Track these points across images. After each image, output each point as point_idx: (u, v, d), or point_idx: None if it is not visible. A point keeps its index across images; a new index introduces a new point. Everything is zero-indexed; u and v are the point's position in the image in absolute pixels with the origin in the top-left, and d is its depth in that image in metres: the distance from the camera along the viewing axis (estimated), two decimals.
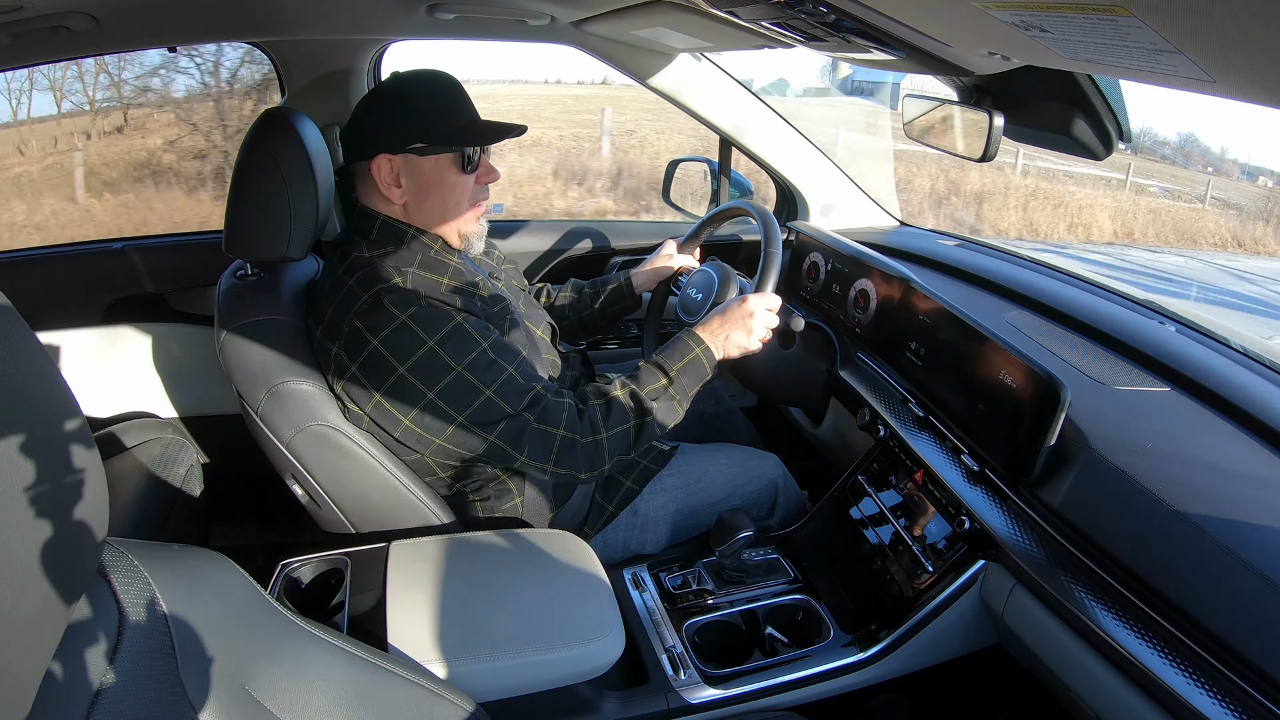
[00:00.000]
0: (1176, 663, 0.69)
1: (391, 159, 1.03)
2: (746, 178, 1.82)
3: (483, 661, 0.82)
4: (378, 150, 1.02)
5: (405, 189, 1.05)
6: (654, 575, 1.15)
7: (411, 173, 1.04)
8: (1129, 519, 0.80)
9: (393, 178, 1.04)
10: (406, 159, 1.03)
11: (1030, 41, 0.57)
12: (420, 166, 1.04)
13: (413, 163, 1.03)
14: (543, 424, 1.00)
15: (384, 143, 1.02)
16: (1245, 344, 1.08)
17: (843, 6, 0.68)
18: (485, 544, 0.97)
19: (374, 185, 1.05)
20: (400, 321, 0.96)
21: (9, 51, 1.17)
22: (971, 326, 1.03)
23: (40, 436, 0.38)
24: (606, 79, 14.12)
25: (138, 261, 1.54)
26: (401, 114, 1.02)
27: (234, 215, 1.04)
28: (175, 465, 1.41)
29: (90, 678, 0.44)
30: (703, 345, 1.11)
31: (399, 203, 1.06)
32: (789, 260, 1.55)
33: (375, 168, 1.03)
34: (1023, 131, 0.99)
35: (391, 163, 1.03)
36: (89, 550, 0.43)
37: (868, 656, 1.02)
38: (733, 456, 1.32)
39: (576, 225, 1.78)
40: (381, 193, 1.05)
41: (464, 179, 1.07)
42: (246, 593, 0.58)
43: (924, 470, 1.09)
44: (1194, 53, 0.43)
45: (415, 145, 1.03)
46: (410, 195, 1.05)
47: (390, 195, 1.05)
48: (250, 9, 1.27)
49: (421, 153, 1.03)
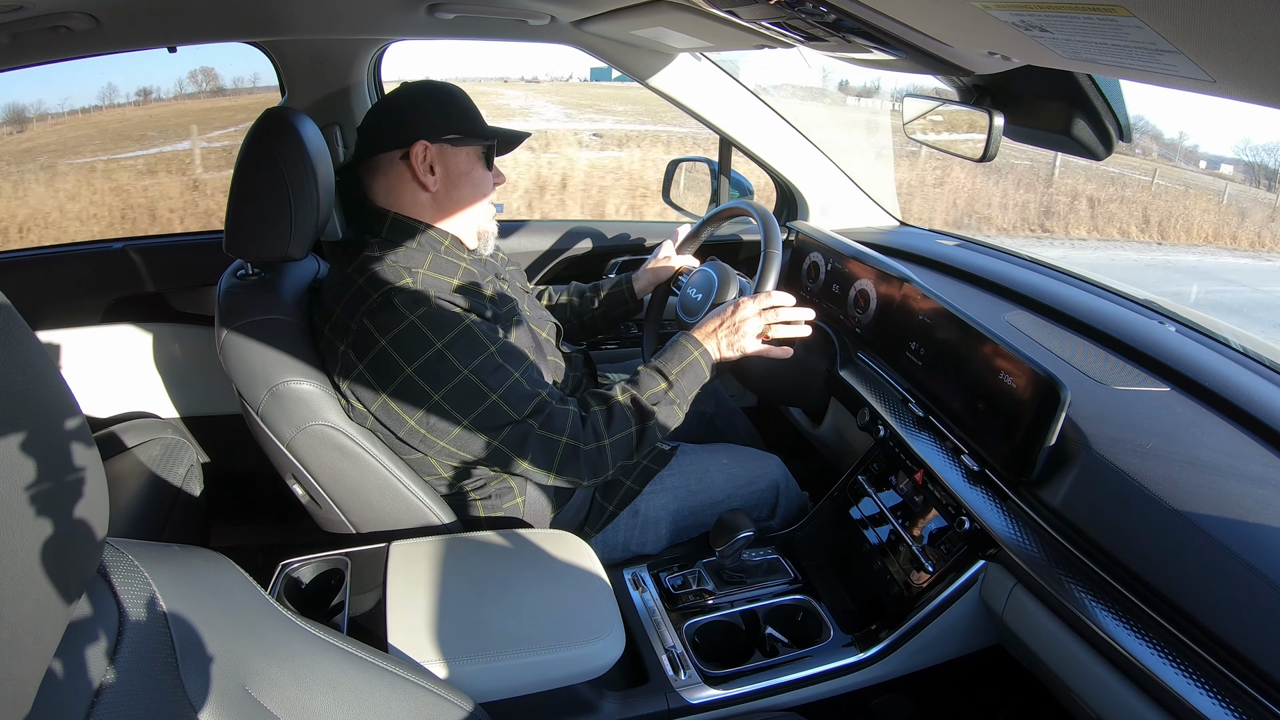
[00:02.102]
0: (1176, 663, 0.69)
1: (429, 147, 1.06)
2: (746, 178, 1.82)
3: (483, 662, 0.82)
4: (416, 137, 1.05)
5: (439, 177, 1.08)
6: (654, 575, 1.15)
7: (445, 162, 1.08)
8: (1129, 519, 0.80)
9: (427, 165, 1.07)
10: (442, 148, 1.07)
11: (1030, 41, 0.57)
12: (454, 157, 1.09)
13: (447, 152, 1.08)
14: (547, 430, 1.01)
15: (423, 130, 1.06)
16: (1245, 344, 1.08)
17: (843, 6, 0.68)
18: (485, 544, 0.97)
19: (397, 177, 1.07)
20: (409, 322, 0.97)
21: (9, 51, 1.17)
22: (971, 326, 1.03)
23: (40, 436, 0.38)
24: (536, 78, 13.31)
25: (138, 261, 1.54)
26: (435, 107, 1.07)
27: (234, 215, 1.04)
28: (175, 465, 1.41)
29: (90, 677, 0.44)
30: (701, 348, 1.12)
31: (431, 190, 1.08)
32: (789, 260, 1.55)
33: (414, 154, 1.06)
34: (1023, 131, 0.99)
35: (428, 150, 1.06)
36: (89, 550, 0.43)
37: (868, 657, 1.02)
38: (733, 457, 1.32)
39: (576, 225, 1.79)
40: (416, 178, 1.07)
41: (486, 175, 1.13)
42: (246, 593, 0.58)
43: (924, 470, 1.08)
44: (1194, 53, 0.43)
45: (451, 135, 1.07)
46: (442, 184, 1.09)
47: (425, 181, 1.07)
48: (250, 9, 1.27)
49: (456, 143, 1.08)
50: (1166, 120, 20.18)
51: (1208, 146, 21.36)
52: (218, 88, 12.17)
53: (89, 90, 10.60)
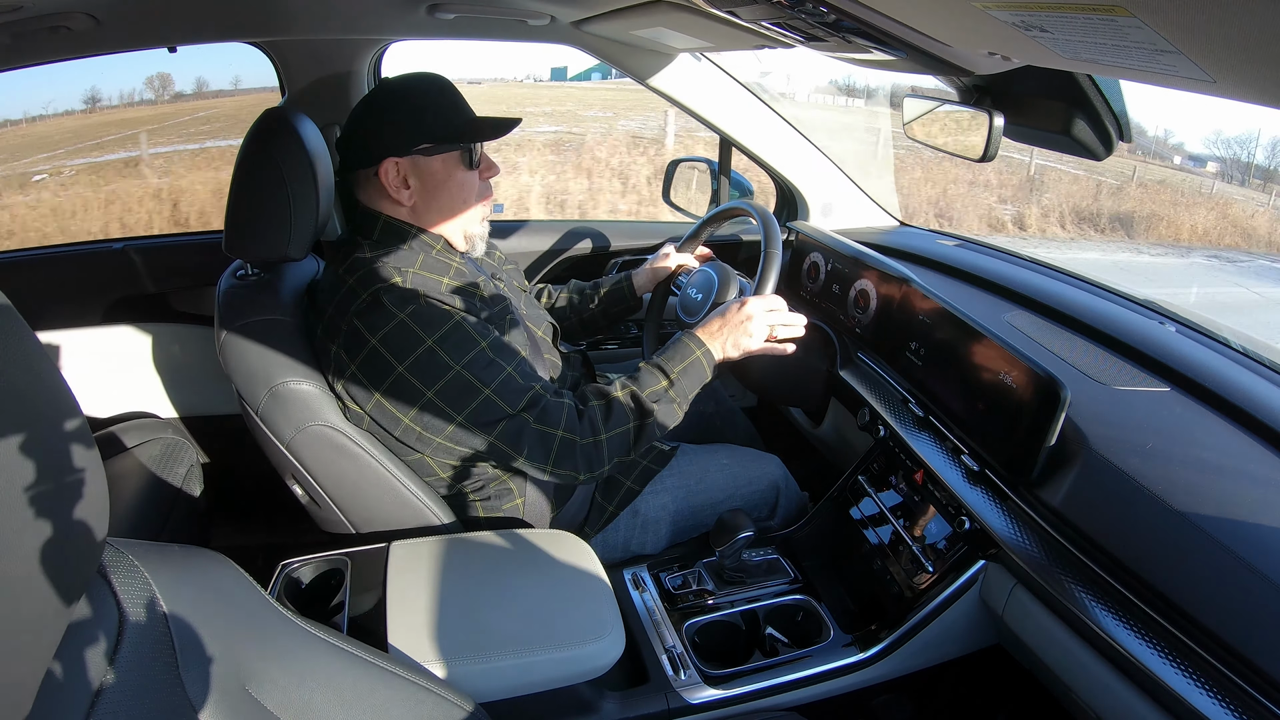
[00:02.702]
0: (1176, 663, 0.69)
1: (398, 162, 1.03)
2: (746, 178, 1.82)
3: (483, 661, 0.82)
4: (384, 155, 1.02)
5: (414, 190, 1.05)
6: (654, 575, 1.15)
7: (419, 174, 1.05)
8: (1129, 519, 0.80)
9: (400, 180, 1.04)
10: (414, 160, 1.04)
11: (1030, 41, 0.57)
12: (429, 167, 1.05)
13: (420, 164, 1.04)
14: (542, 424, 1.00)
15: (389, 146, 1.02)
16: (1245, 344, 1.08)
17: (843, 6, 0.68)
18: (485, 544, 0.97)
19: (379, 189, 1.05)
20: (399, 320, 0.96)
21: (9, 51, 1.17)
22: (971, 326, 1.03)
23: (40, 436, 0.38)
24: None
25: (138, 261, 1.54)
26: (403, 116, 1.03)
27: (234, 215, 1.04)
28: (175, 465, 1.41)
29: (90, 678, 0.44)
30: (703, 347, 1.11)
31: (408, 204, 1.06)
32: (789, 260, 1.55)
33: (383, 173, 1.03)
34: (1023, 131, 0.99)
35: (399, 165, 1.03)
36: (89, 550, 0.43)
37: (868, 656, 1.02)
38: (733, 457, 1.32)
39: (576, 225, 1.79)
40: (390, 196, 1.05)
41: (470, 175, 1.08)
42: (247, 593, 0.58)
43: (924, 470, 1.08)
44: (1194, 53, 0.43)
45: (422, 146, 1.03)
46: (419, 196, 1.06)
47: (399, 198, 1.05)
48: (250, 9, 1.27)
49: (428, 153, 1.04)
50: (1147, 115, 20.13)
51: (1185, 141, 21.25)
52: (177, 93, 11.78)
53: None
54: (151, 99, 11.39)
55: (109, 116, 10.53)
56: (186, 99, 11.47)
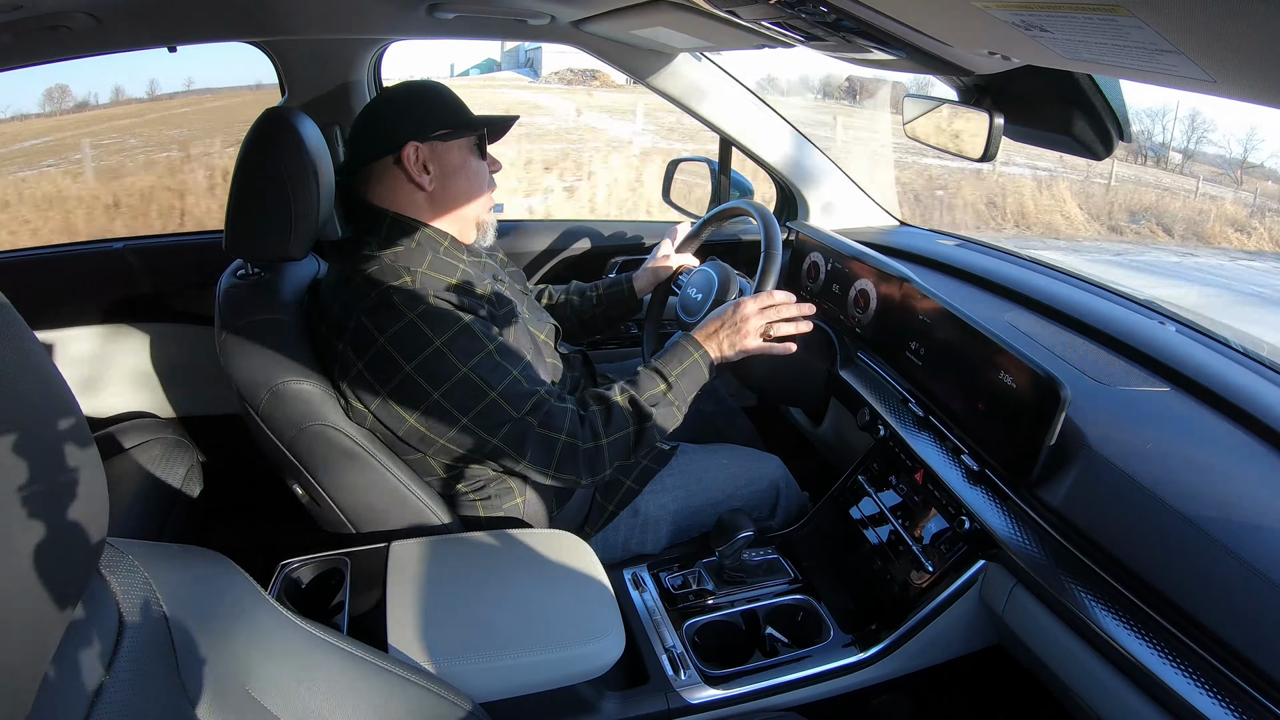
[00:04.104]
0: (1176, 663, 0.69)
1: (419, 147, 1.06)
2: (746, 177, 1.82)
3: (483, 661, 0.82)
4: (406, 139, 1.05)
5: (434, 175, 1.08)
6: (654, 575, 1.15)
7: (438, 159, 1.08)
8: (1129, 519, 0.80)
9: (420, 166, 1.07)
10: (432, 146, 1.07)
11: (1030, 41, 0.57)
12: (446, 153, 1.09)
13: (439, 149, 1.08)
14: (546, 429, 1.01)
15: (411, 132, 1.06)
16: (1245, 344, 1.08)
17: (843, 6, 0.68)
18: (485, 544, 0.97)
19: (393, 181, 1.07)
20: (408, 320, 0.97)
21: (9, 51, 1.17)
22: (971, 326, 1.03)
23: (39, 437, 0.38)
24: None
25: (137, 261, 1.54)
26: (423, 106, 1.07)
27: (235, 215, 1.04)
28: (175, 465, 1.41)
29: (89, 678, 0.44)
30: (701, 350, 1.12)
31: (429, 189, 1.08)
32: (789, 260, 1.55)
33: (406, 156, 1.05)
34: (1023, 131, 0.99)
35: (419, 151, 1.06)
36: (88, 551, 0.42)
37: (868, 656, 1.02)
38: (734, 457, 1.32)
39: (576, 225, 1.79)
40: (411, 180, 1.07)
41: (482, 165, 1.13)
42: (246, 593, 0.58)
43: (924, 470, 1.08)
44: (1194, 53, 0.43)
45: (441, 131, 1.07)
46: (438, 181, 1.09)
47: (420, 181, 1.07)
48: (250, 9, 1.27)
49: (447, 138, 1.08)
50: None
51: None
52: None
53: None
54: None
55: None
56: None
